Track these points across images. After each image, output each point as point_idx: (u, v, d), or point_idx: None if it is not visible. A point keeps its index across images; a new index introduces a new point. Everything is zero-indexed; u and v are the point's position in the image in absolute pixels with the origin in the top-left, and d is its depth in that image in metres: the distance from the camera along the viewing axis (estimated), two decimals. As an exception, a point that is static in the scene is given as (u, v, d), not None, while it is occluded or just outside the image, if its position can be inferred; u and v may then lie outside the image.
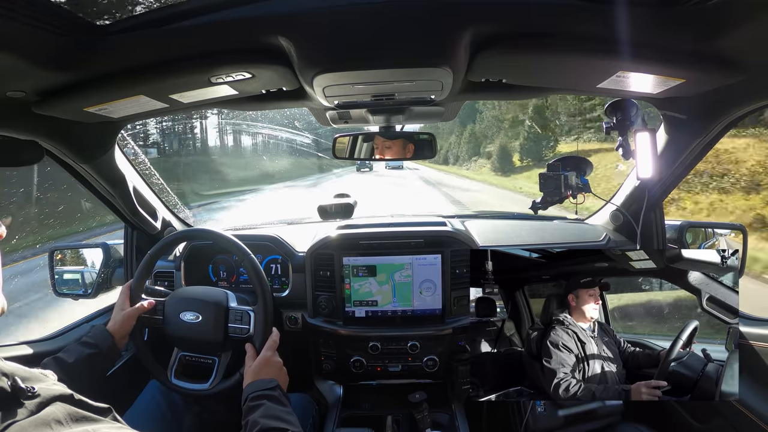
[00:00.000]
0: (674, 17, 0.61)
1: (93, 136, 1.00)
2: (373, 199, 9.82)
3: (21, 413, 0.42)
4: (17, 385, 0.44)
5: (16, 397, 0.43)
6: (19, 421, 0.41)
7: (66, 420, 0.44)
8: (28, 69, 0.65)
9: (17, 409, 0.43)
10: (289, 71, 0.76)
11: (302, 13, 0.62)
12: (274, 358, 0.91)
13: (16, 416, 0.42)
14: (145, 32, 0.64)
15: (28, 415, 0.43)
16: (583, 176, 1.17)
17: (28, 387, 0.45)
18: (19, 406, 0.43)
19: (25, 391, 0.44)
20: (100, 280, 1.33)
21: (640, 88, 0.83)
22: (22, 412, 0.42)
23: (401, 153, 1.20)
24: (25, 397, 0.44)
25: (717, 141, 0.97)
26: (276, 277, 1.33)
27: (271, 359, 0.90)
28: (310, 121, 8.92)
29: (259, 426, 0.70)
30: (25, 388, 0.45)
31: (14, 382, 0.44)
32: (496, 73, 0.84)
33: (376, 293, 1.21)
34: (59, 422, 0.44)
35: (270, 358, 0.90)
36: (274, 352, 0.93)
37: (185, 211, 1.53)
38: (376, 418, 1.13)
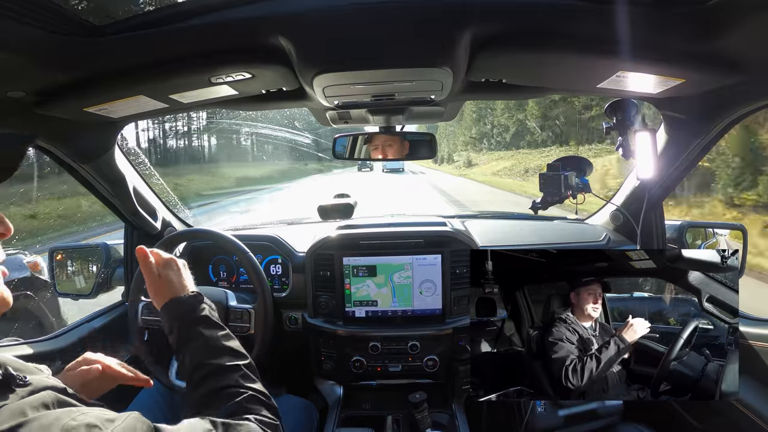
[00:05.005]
0: (674, 17, 0.61)
1: (93, 136, 1.00)
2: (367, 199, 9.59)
3: (12, 398, 0.42)
4: (9, 372, 0.44)
5: (7, 384, 0.43)
6: (8, 404, 0.41)
7: (53, 404, 0.44)
8: (28, 69, 0.65)
9: (8, 394, 0.42)
10: (289, 71, 0.76)
11: (302, 13, 0.62)
12: (169, 259, 0.74)
13: (7, 400, 0.42)
14: (145, 32, 0.64)
15: (18, 399, 0.43)
16: (583, 176, 1.16)
17: (20, 376, 0.45)
18: (10, 392, 0.43)
19: (16, 379, 0.44)
20: (100, 280, 1.33)
21: (639, 88, 0.83)
22: (12, 397, 0.42)
23: (400, 153, 1.20)
24: (17, 384, 0.44)
25: (717, 141, 0.97)
26: (276, 277, 1.33)
27: (170, 261, 0.73)
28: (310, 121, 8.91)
29: (210, 367, 0.61)
30: (17, 376, 0.45)
31: (6, 371, 0.44)
32: (496, 73, 0.84)
33: (375, 296, 1.21)
34: (46, 406, 0.43)
35: (168, 259, 0.73)
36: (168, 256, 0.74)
37: (185, 211, 1.53)
38: (376, 418, 1.13)
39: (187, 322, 0.66)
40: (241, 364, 0.63)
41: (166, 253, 0.75)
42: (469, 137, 28.32)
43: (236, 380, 0.60)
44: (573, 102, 18.31)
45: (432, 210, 6.20)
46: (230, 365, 0.62)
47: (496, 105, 23.37)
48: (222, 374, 0.61)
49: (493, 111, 24.64)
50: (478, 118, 26.66)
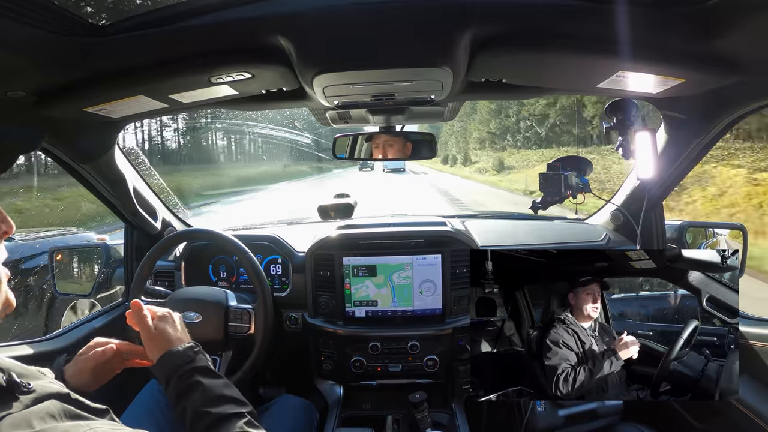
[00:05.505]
0: (674, 17, 0.61)
1: (93, 136, 1.00)
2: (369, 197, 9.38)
3: (16, 406, 0.42)
4: (12, 379, 0.44)
5: (11, 392, 0.43)
6: (13, 413, 0.41)
7: (60, 416, 0.44)
8: (28, 69, 0.65)
9: (12, 403, 0.42)
10: (289, 71, 0.76)
11: (302, 13, 0.62)
12: (165, 313, 0.73)
13: (11, 409, 0.42)
14: (145, 32, 0.64)
15: (23, 408, 0.42)
16: (583, 176, 1.16)
17: (23, 382, 0.45)
18: (14, 400, 0.43)
19: (20, 386, 0.44)
20: (100, 280, 1.33)
21: (639, 88, 0.83)
22: (16, 406, 0.42)
23: (401, 153, 1.20)
24: (21, 391, 0.44)
25: (717, 141, 0.97)
26: (276, 277, 1.33)
27: (166, 315, 0.73)
28: (310, 121, 8.92)
29: (213, 416, 0.59)
30: (21, 383, 0.45)
31: (10, 377, 0.44)
32: (496, 73, 0.84)
33: (374, 296, 1.21)
34: (53, 417, 0.43)
35: (164, 314, 0.73)
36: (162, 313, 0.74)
37: (185, 211, 1.53)
38: (376, 418, 1.13)
39: (186, 372, 0.64)
40: (245, 412, 0.61)
41: (161, 308, 0.75)
42: (486, 132, 23.52)
43: (242, 428, 0.59)
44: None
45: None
46: (235, 413, 0.60)
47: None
48: (227, 422, 0.59)
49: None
50: (498, 109, 21.95)
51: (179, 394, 0.63)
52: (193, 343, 0.70)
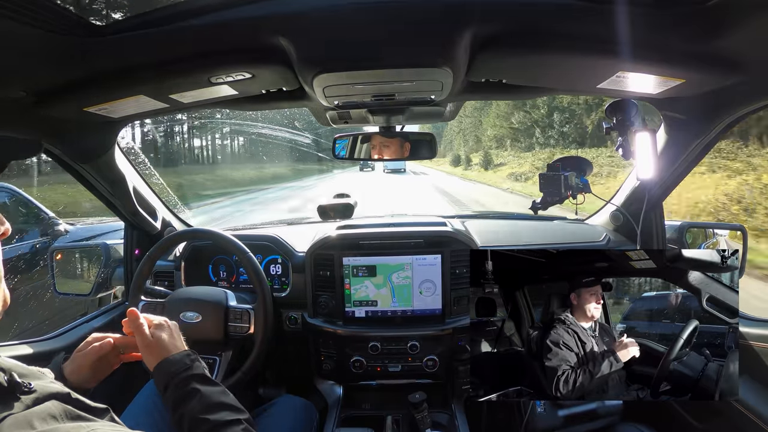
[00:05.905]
0: (674, 17, 0.61)
1: (93, 136, 1.00)
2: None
3: (17, 407, 0.42)
4: (14, 380, 0.44)
5: (12, 392, 0.44)
6: (15, 413, 0.41)
7: (61, 416, 0.44)
8: (28, 69, 0.65)
9: (13, 403, 0.43)
10: (289, 71, 0.76)
11: (302, 13, 0.62)
12: (162, 321, 0.73)
13: (12, 409, 0.42)
14: (145, 32, 0.64)
15: (24, 408, 0.43)
16: (583, 176, 1.16)
17: (24, 382, 0.45)
18: (16, 400, 0.43)
19: (21, 386, 0.44)
20: (100, 280, 1.33)
21: (640, 88, 0.83)
22: (18, 406, 0.42)
23: (401, 153, 1.20)
24: (22, 392, 0.44)
25: (717, 141, 0.97)
26: (276, 277, 1.33)
27: (162, 323, 0.73)
28: (310, 121, 8.91)
29: (210, 424, 0.60)
30: (22, 383, 0.45)
31: (11, 377, 0.44)
32: (496, 73, 0.84)
33: (374, 296, 1.21)
34: (54, 417, 0.43)
35: (161, 322, 0.73)
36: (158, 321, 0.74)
37: (185, 211, 1.53)
38: (376, 418, 1.13)
39: (182, 379, 0.65)
40: (242, 419, 0.61)
41: (158, 316, 0.75)
42: (507, 128, 18.62)
43: None
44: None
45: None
46: (232, 420, 0.61)
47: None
48: (224, 429, 0.59)
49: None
50: (523, 101, 12.90)
51: (177, 401, 0.63)
52: (190, 351, 0.70)
